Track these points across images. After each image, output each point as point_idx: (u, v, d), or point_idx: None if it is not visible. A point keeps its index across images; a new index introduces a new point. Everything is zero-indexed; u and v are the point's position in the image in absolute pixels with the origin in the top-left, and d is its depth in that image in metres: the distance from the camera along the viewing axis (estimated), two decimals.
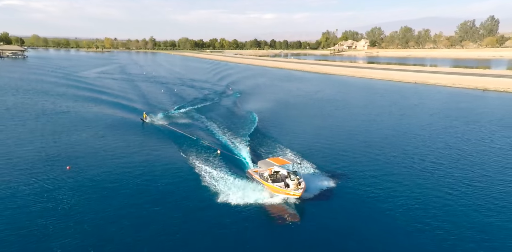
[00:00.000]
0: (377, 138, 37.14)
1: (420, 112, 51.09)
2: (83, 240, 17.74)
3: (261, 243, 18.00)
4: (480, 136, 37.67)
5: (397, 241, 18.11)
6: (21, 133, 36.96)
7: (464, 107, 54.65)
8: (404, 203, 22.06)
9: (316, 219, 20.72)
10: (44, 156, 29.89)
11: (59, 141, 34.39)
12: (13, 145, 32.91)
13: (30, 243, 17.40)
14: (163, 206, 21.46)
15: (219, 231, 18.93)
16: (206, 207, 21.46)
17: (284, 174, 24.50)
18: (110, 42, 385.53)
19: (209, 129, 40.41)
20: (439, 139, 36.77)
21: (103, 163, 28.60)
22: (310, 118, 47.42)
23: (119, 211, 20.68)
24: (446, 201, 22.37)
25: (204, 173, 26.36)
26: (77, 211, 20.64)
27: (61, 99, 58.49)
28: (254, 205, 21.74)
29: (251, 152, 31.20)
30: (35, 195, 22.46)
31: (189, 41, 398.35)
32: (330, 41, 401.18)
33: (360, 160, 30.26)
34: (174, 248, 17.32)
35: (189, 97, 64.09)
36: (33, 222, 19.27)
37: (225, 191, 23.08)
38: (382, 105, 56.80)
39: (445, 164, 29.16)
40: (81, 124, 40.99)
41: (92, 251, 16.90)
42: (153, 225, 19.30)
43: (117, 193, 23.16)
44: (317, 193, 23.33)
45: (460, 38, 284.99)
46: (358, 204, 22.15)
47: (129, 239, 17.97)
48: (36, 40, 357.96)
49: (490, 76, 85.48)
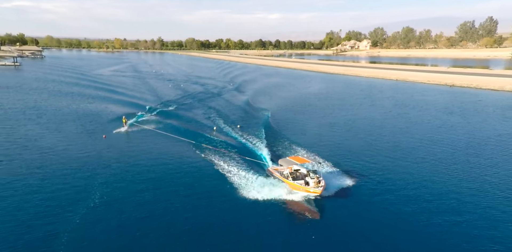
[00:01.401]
0: (396, 138, 37.74)
1: (436, 112, 51.23)
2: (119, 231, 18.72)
3: (280, 238, 18.54)
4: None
5: (415, 243, 18.02)
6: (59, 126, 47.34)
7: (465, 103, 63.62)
8: (424, 206, 21.87)
9: (334, 217, 21.03)
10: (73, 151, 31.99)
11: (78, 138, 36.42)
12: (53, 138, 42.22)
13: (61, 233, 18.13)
14: (187, 200, 22.42)
15: (239, 225, 19.64)
16: (227, 201, 22.32)
17: (304, 173, 24.91)
18: (119, 42, 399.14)
19: (225, 127, 41.65)
20: (463, 140, 36.59)
21: (133, 159, 30.03)
22: (316, 115, 49.60)
23: (148, 205, 21.80)
24: (471, 204, 22.00)
25: (225, 170, 27.15)
26: (110, 202, 21.95)
27: (81, 95, 69.13)
28: (274, 201, 22.35)
29: (269, 151, 31.89)
30: (75, 187, 23.84)
31: (195, 41, 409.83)
32: (333, 41, 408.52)
33: (380, 159, 30.51)
34: (197, 239, 18.15)
35: (195, 93, 72.31)
36: (70, 211, 20.20)
37: (246, 187, 23.79)
38: (385, 103, 58.80)
39: (469, 165, 29.03)
40: (105, 119, 47.28)
41: (127, 236, 18.26)
42: (176, 216, 20.34)
43: (147, 188, 24.28)
44: (336, 191, 23.57)
45: (460, 39, 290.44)
46: (377, 204, 22.10)
47: (155, 230, 18.97)
48: (50, 41, 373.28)
49: (460, 74, 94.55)
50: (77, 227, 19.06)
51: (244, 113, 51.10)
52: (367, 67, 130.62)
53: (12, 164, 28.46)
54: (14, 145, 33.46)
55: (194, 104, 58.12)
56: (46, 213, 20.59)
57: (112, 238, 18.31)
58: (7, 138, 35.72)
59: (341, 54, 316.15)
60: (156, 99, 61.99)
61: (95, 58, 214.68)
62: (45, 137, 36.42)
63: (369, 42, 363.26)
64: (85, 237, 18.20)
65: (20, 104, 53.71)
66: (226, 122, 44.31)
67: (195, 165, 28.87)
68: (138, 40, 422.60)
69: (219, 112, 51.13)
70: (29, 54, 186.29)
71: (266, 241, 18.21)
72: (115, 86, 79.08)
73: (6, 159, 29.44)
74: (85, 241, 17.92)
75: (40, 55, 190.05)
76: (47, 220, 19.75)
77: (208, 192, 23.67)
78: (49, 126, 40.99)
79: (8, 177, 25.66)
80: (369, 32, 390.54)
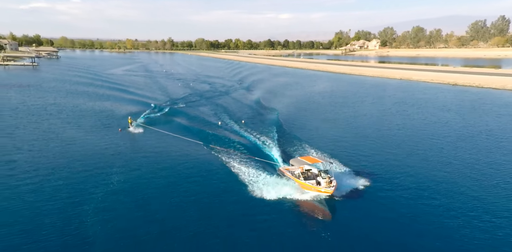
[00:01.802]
0: (406, 138, 37.80)
1: (449, 113, 50.17)
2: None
3: (292, 236, 18.85)
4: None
5: (427, 245, 17.98)
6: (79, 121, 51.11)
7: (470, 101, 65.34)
8: (436, 206, 21.98)
9: (346, 217, 21.13)
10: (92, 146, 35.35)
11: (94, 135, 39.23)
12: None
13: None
14: (199, 199, 22.96)
15: (250, 223, 20.00)
16: (239, 200, 22.75)
17: (315, 173, 25.11)
18: (131, 43, 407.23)
19: (234, 126, 42.49)
20: (472, 141, 36.34)
21: (147, 159, 30.56)
22: (322, 114, 50.74)
23: (160, 203, 22.41)
24: (484, 205, 21.96)
25: (236, 169, 27.58)
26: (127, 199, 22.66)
27: (96, 93, 73.07)
28: (286, 200, 22.62)
29: (279, 151, 32.20)
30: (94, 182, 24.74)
31: (205, 41, 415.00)
32: (342, 41, 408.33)
33: (389, 159, 30.77)
34: (208, 237, 18.56)
35: (203, 92, 75.53)
36: (84, 210, 20.75)
37: (258, 187, 24.10)
38: (388, 102, 59.83)
39: (483, 166, 28.96)
40: (118, 115, 51.92)
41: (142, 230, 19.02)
42: (188, 214, 20.89)
43: (159, 186, 25.00)
44: (347, 191, 23.63)
45: (471, 38, 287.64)
46: (388, 205, 22.18)
47: (167, 226, 19.57)
48: (64, 42, 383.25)
49: (465, 73, 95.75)
50: (94, 215, 20.62)
51: (252, 112, 52.88)
52: (373, 67, 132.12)
53: (41, 152, 31.95)
54: (40, 136, 37.05)
55: (203, 103, 61.08)
56: (71, 194, 23.38)
57: (124, 231, 19.09)
58: (33, 131, 39.39)
59: (350, 54, 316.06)
60: (165, 98, 65.48)
61: (108, 58, 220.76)
62: (66, 130, 39.98)
63: (378, 42, 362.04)
64: (102, 227, 19.30)
65: (41, 101, 57.74)
66: (235, 121, 45.25)
67: (206, 164, 29.35)
68: (149, 41, 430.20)
69: (228, 111, 53.37)
70: (45, 54, 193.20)
71: (278, 239, 18.45)
72: (127, 85, 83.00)
73: (35, 149, 32.98)
74: (101, 231, 18.90)
75: (55, 55, 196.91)
76: (71, 201, 22.40)
77: (220, 191, 24.13)
78: (69, 121, 44.65)
79: (37, 165, 28.80)
80: (379, 32, 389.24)
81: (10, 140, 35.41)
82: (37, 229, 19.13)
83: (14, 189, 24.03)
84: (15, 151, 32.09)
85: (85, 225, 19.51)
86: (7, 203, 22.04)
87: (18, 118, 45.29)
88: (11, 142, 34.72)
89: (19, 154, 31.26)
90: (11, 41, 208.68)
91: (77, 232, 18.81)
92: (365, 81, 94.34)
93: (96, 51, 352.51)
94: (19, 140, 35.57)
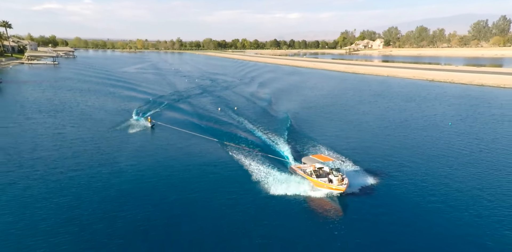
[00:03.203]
0: (419, 136, 38.29)
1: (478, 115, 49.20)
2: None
3: (304, 232, 19.18)
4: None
5: (439, 242, 18.19)
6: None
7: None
8: (449, 204, 22.12)
9: (357, 214, 21.31)
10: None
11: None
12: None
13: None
14: (212, 196, 23.42)
15: (263, 219, 20.37)
16: (251, 197, 23.22)
17: (327, 171, 25.35)
18: (141, 43, 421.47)
19: (245, 124, 43.91)
20: (490, 140, 36.68)
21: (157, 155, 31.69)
22: (328, 112, 51.66)
23: (173, 200, 22.90)
24: (496, 205, 21.99)
25: (248, 167, 28.22)
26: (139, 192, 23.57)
27: (113, 87, 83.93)
28: (298, 197, 23.09)
29: (291, 149, 32.69)
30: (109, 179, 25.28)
31: (212, 41, 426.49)
32: (347, 41, 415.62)
33: (402, 158, 31.09)
34: (222, 233, 18.95)
35: (208, 88, 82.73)
36: (98, 204, 21.43)
37: (270, 184, 24.63)
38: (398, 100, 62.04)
39: (498, 165, 29.05)
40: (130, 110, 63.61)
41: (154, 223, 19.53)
42: (201, 211, 21.42)
43: (171, 184, 25.47)
44: (359, 189, 24.01)
45: (473, 38, 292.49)
46: (400, 203, 22.49)
47: (181, 222, 20.14)
48: (78, 42, 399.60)
49: (445, 71, 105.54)
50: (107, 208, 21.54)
51: (257, 109, 55.90)
52: (365, 65, 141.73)
53: (66, 137, 37.91)
54: (75, 118, 47.60)
55: (209, 98, 67.32)
56: (86, 187, 24.43)
57: (135, 226, 19.59)
58: (63, 119, 50.09)
59: (354, 53, 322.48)
60: (174, 93, 75.90)
61: (120, 58, 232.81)
62: (93, 114, 50.58)
63: (382, 41, 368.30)
64: (117, 220, 20.04)
65: (70, 94, 68.77)
66: (247, 119, 46.63)
67: (218, 162, 30.04)
68: (158, 41, 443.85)
69: (227, 102, 59.85)
70: (63, 54, 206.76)
71: (290, 235, 18.90)
72: (139, 81, 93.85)
73: (64, 131, 39.75)
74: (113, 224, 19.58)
75: (72, 55, 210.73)
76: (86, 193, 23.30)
77: (233, 187, 24.71)
78: (96, 109, 55.35)
79: (57, 153, 31.25)
80: (383, 32, 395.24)
81: (55, 120, 46.09)
82: (80, 217, 20.35)
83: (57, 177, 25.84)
84: (55, 137, 39.27)
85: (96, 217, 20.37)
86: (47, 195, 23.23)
87: (53, 105, 56.25)
88: (56, 122, 45.34)
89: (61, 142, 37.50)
90: (31, 42, 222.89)
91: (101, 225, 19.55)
92: (356, 78, 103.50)
93: (108, 51, 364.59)
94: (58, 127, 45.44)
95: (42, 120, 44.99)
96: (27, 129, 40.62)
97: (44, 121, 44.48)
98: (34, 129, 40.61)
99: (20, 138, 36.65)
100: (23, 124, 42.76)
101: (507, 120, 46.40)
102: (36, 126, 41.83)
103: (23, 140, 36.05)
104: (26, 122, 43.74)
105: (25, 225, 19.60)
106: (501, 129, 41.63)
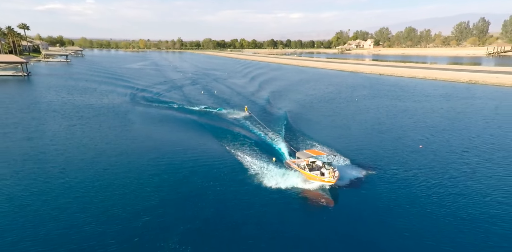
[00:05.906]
0: (405, 131, 40.07)
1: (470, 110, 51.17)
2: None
3: (297, 221, 20.48)
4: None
5: (423, 232, 18.94)
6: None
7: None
8: (434, 196, 23.09)
9: (347, 204, 22.61)
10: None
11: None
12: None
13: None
14: (208, 189, 24.20)
15: (258, 210, 21.41)
16: (247, 189, 24.30)
17: (320, 165, 26.52)
18: (144, 43, 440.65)
19: (242, 121, 45.45)
20: (476, 136, 37.82)
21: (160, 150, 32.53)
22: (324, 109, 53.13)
23: (169, 193, 23.70)
24: (486, 197, 22.88)
25: (244, 161, 29.30)
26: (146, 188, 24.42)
27: (120, 80, 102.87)
28: (292, 189, 24.35)
29: (287, 146, 33.79)
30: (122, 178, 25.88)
31: (212, 41, 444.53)
32: (341, 41, 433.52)
33: (390, 152, 32.44)
34: (219, 225, 19.78)
35: (205, 82, 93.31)
36: (111, 202, 22.19)
37: (265, 177, 25.80)
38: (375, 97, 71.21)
39: (484, 158, 30.35)
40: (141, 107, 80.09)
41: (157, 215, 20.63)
42: (197, 204, 22.14)
43: (166, 178, 26.20)
44: (349, 182, 25.35)
45: (455, 38, 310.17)
46: (387, 194, 23.64)
47: (177, 215, 20.79)
48: (83, 42, 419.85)
49: (400, 67, 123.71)
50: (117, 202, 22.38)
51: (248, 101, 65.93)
52: (338, 63, 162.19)
53: (83, 129, 42.56)
54: (88, 112, 66.14)
55: (205, 94, 72.65)
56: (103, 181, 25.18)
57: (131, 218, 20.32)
58: (87, 98, 68.95)
59: (346, 53, 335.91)
60: (168, 83, 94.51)
61: (124, 57, 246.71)
62: (105, 105, 69.33)
63: (372, 41, 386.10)
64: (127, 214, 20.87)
65: (86, 83, 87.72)
66: (221, 100, 56.75)
67: (215, 156, 30.96)
68: (160, 41, 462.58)
69: (226, 100, 63.01)
70: (72, 53, 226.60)
71: (285, 224, 19.88)
72: (143, 76, 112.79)
73: (79, 123, 43.12)
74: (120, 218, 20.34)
75: (81, 54, 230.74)
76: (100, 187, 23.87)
77: (229, 181, 25.59)
78: (108, 101, 74.14)
79: (75, 145, 33.35)
80: (375, 32, 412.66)
81: (83, 98, 64.89)
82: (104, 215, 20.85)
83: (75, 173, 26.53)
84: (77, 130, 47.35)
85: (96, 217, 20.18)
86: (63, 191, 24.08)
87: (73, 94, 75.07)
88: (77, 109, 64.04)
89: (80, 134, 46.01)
90: (43, 42, 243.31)
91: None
92: (328, 73, 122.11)
93: (113, 51, 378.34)
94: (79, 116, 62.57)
95: (72, 98, 64.00)
96: (67, 105, 59.57)
97: (75, 98, 63.57)
98: (72, 103, 59.39)
99: (62, 111, 54.32)
100: (62, 102, 61.60)
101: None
102: (73, 101, 60.87)
103: (68, 109, 55.05)
104: (63, 99, 62.75)
105: (48, 218, 20.55)
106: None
